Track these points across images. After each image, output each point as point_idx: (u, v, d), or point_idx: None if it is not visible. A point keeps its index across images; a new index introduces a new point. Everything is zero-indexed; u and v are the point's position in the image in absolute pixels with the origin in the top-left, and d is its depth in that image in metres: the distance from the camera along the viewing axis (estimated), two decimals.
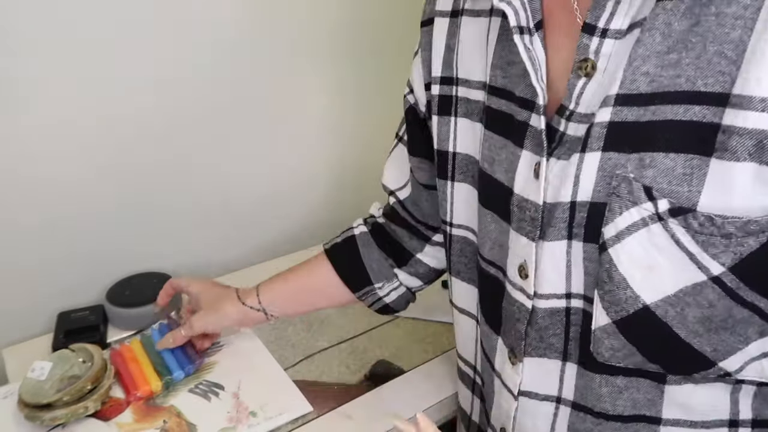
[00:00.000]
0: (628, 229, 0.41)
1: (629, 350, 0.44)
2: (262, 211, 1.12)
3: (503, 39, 0.50)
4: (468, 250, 0.60)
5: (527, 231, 0.48)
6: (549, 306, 0.49)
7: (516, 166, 0.49)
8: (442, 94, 0.57)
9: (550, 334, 0.50)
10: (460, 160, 0.57)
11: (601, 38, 0.42)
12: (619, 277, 0.42)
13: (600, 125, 0.42)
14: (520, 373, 0.53)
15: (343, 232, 0.77)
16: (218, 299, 0.78)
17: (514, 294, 0.51)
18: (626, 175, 0.40)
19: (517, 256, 0.50)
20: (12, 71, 0.81)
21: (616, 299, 0.43)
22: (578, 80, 0.43)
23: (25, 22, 0.79)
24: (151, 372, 0.79)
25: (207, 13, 0.93)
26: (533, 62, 0.45)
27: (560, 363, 0.50)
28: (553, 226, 0.46)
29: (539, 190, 0.46)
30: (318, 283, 0.76)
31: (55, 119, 0.86)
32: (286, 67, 1.04)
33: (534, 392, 0.53)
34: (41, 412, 0.70)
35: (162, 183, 0.98)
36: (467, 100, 0.55)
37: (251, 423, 0.73)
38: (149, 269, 1.00)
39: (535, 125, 0.47)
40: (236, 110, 1.02)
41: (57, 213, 0.90)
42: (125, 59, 0.88)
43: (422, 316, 0.95)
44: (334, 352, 0.88)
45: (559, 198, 0.45)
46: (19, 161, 0.85)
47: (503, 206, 0.51)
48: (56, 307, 0.93)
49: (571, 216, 0.44)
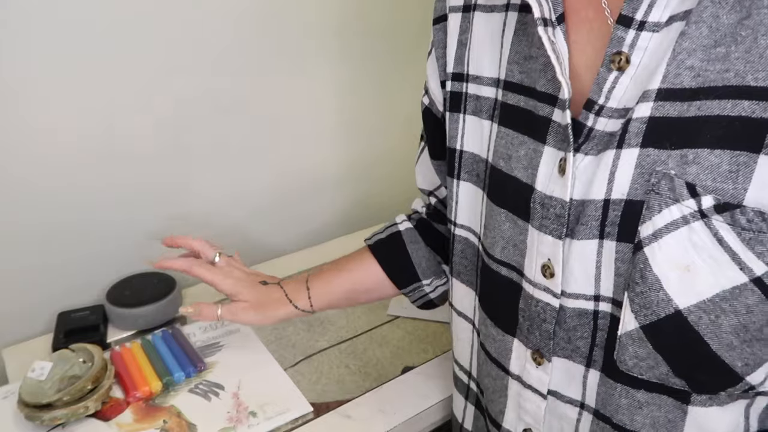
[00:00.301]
0: (667, 227, 0.39)
1: (654, 360, 0.42)
2: (263, 211, 1.12)
3: (521, 33, 0.49)
4: (468, 252, 0.60)
5: (552, 229, 0.46)
6: (577, 306, 0.47)
7: (537, 162, 0.47)
8: (453, 90, 0.57)
9: (577, 336, 0.48)
10: (466, 158, 0.57)
11: (637, 31, 0.40)
12: (653, 278, 0.40)
13: (639, 121, 0.40)
14: (549, 373, 0.51)
15: (386, 227, 0.75)
16: (268, 301, 0.72)
17: (536, 294, 0.50)
18: (667, 172, 0.39)
19: (541, 254, 0.48)
20: (12, 71, 0.81)
21: (648, 302, 0.41)
22: (609, 74, 0.42)
23: (24, 22, 0.79)
24: (151, 372, 0.79)
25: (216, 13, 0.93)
26: (558, 55, 0.44)
27: (584, 368, 0.49)
28: (583, 224, 0.44)
29: (565, 186, 0.45)
30: (366, 281, 0.74)
31: (55, 119, 0.86)
32: (291, 67, 1.04)
33: (560, 393, 0.51)
34: (41, 412, 0.70)
35: (162, 182, 0.98)
36: (476, 97, 0.54)
37: (251, 423, 0.73)
38: (149, 269, 1.00)
39: (559, 120, 0.45)
40: (236, 111, 1.02)
41: (57, 213, 0.90)
42: (126, 58, 0.88)
43: (422, 316, 0.95)
44: (334, 352, 0.88)
45: (591, 195, 0.44)
46: (19, 161, 0.85)
47: (521, 204, 0.49)
48: (56, 307, 0.93)
49: (604, 214, 0.43)
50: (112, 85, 0.88)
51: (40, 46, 0.82)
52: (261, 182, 1.10)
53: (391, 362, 0.86)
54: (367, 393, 0.80)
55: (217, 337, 0.89)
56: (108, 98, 0.89)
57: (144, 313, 0.90)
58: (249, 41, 0.98)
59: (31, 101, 0.83)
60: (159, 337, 0.87)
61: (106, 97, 0.89)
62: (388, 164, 1.25)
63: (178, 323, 0.92)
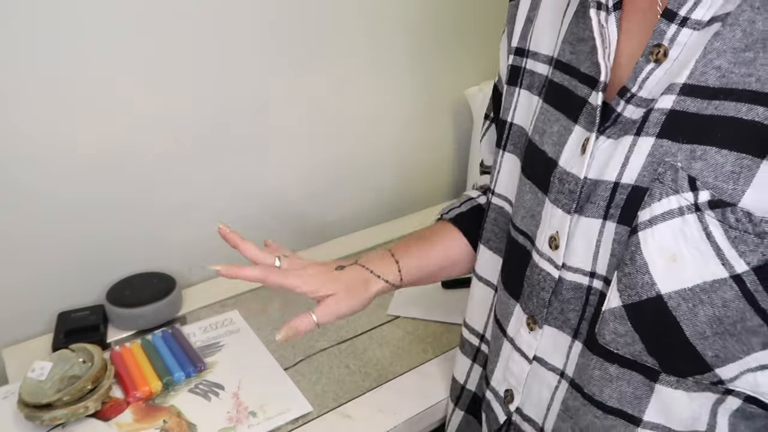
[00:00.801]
0: (663, 215, 0.41)
1: (631, 338, 0.44)
2: (264, 211, 1.12)
3: (580, 15, 0.51)
4: (501, 221, 0.63)
5: (563, 203, 0.49)
6: (574, 280, 0.50)
7: (566, 139, 0.50)
8: (513, 64, 0.60)
9: (570, 308, 0.51)
10: (514, 131, 0.59)
11: (679, 26, 0.42)
12: (642, 262, 0.42)
13: (660, 111, 0.42)
14: (539, 339, 0.54)
15: (462, 201, 0.75)
16: (355, 283, 0.66)
17: (541, 263, 0.52)
18: (674, 164, 0.41)
19: (550, 227, 0.51)
20: (12, 72, 0.81)
21: (633, 283, 0.43)
22: (646, 65, 0.43)
23: (25, 22, 0.80)
24: (151, 372, 0.79)
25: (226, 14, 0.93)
26: (603, 39, 0.46)
27: (570, 339, 0.52)
28: (592, 203, 0.47)
29: (583, 165, 0.47)
30: (451, 253, 0.72)
31: (54, 119, 0.86)
32: (298, 66, 1.04)
33: (545, 360, 0.54)
34: (41, 412, 0.70)
35: (162, 182, 0.98)
36: (532, 72, 0.57)
37: (251, 423, 0.74)
38: (149, 269, 1.00)
39: (593, 102, 0.47)
40: (236, 110, 1.02)
41: (57, 213, 0.90)
42: (126, 59, 0.88)
43: (422, 316, 0.95)
44: (334, 352, 0.88)
45: (604, 176, 0.46)
46: (19, 161, 0.85)
47: (544, 177, 0.52)
48: (56, 307, 0.93)
49: (612, 196, 0.45)
50: (111, 83, 0.88)
51: (41, 46, 0.82)
52: (262, 183, 1.10)
53: (391, 362, 0.86)
54: (367, 393, 0.80)
55: (217, 337, 0.89)
56: (106, 98, 0.89)
57: (144, 313, 0.90)
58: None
59: (31, 102, 0.83)
60: (159, 337, 0.87)
61: (104, 96, 0.89)
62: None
63: (178, 323, 0.92)
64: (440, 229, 0.74)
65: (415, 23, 1.16)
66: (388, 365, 0.85)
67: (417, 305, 0.98)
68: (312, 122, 1.12)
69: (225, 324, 0.92)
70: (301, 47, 1.04)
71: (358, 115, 1.17)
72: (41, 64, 0.82)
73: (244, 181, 1.07)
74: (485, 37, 1.28)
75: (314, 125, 1.12)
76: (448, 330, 0.93)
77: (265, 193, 1.11)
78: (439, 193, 1.38)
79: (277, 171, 1.11)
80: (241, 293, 1.01)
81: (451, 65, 1.26)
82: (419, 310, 0.97)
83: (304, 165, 1.14)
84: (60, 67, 0.83)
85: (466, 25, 1.24)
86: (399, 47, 1.17)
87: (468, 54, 1.28)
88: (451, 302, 0.99)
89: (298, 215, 1.17)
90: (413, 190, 1.33)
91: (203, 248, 1.06)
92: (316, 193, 1.18)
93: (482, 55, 1.30)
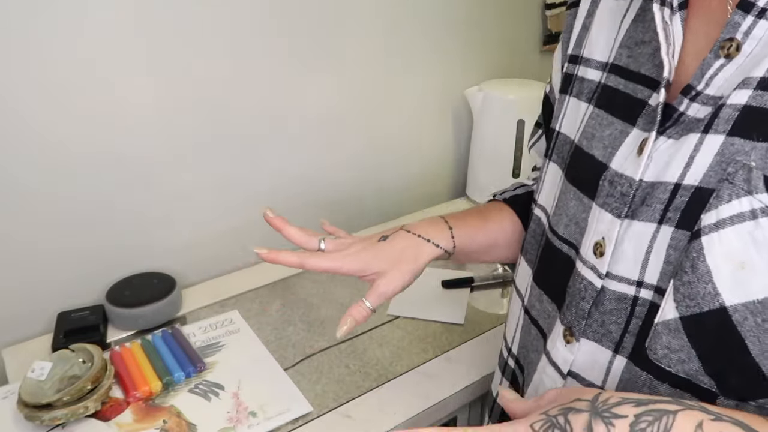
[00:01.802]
0: (732, 219, 0.38)
1: (687, 354, 0.41)
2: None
3: (639, 20, 0.49)
4: (537, 231, 0.60)
5: (613, 207, 0.46)
6: (618, 290, 0.46)
7: (620, 142, 0.47)
8: (567, 72, 0.57)
9: (612, 320, 0.47)
10: (560, 140, 0.57)
11: (756, 18, 0.39)
12: (704, 269, 0.39)
13: (732, 107, 0.39)
14: (574, 353, 0.50)
15: (516, 186, 0.73)
16: (402, 253, 0.63)
17: (583, 272, 0.49)
18: (747, 163, 0.38)
19: (597, 232, 0.48)
20: (13, 71, 0.81)
21: (692, 293, 0.39)
22: (715, 61, 0.41)
23: (25, 22, 0.79)
24: (150, 372, 0.79)
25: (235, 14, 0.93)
26: (667, 35, 0.44)
27: (610, 354, 0.48)
28: (648, 206, 0.44)
29: (639, 166, 0.44)
30: (505, 235, 0.69)
31: (53, 119, 0.86)
32: (298, 68, 1.04)
33: (581, 376, 0.51)
34: (41, 412, 0.70)
35: (163, 182, 0.98)
36: (582, 79, 0.54)
37: (251, 423, 0.73)
38: (149, 269, 1.00)
39: (654, 102, 0.45)
40: (235, 110, 1.02)
41: (57, 213, 0.90)
42: (126, 59, 0.88)
43: (422, 316, 0.95)
44: (334, 352, 0.88)
45: (663, 178, 0.43)
46: (19, 161, 0.85)
47: (591, 182, 0.49)
48: (56, 307, 0.93)
49: (671, 198, 0.42)
50: (110, 83, 0.88)
51: (41, 47, 0.82)
52: (261, 183, 1.10)
53: (391, 362, 0.86)
54: (367, 393, 0.80)
55: (217, 337, 0.89)
56: (105, 97, 0.89)
57: (144, 313, 0.90)
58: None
59: (31, 102, 0.83)
60: (159, 337, 0.87)
61: (103, 96, 0.89)
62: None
63: (178, 323, 0.92)
64: (494, 207, 0.70)
65: (415, 23, 1.16)
66: (388, 365, 0.85)
67: (417, 305, 0.98)
68: (312, 124, 1.11)
69: (225, 324, 0.92)
70: (301, 48, 1.04)
71: (357, 115, 1.17)
72: (41, 63, 0.82)
73: (244, 182, 1.07)
74: (486, 37, 1.28)
75: (314, 127, 1.12)
76: (448, 330, 0.93)
77: (265, 193, 1.11)
78: (439, 193, 1.38)
79: (277, 171, 1.11)
80: (241, 293, 1.01)
81: (451, 65, 1.26)
82: (419, 310, 0.97)
83: (303, 166, 1.14)
84: (60, 67, 0.84)
85: (467, 25, 1.24)
86: (399, 47, 1.17)
87: (468, 54, 1.28)
88: (451, 302, 0.99)
89: (298, 217, 1.17)
90: (413, 190, 1.33)
91: (203, 248, 1.06)
92: (315, 195, 1.18)
93: (482, 55, 1.30)
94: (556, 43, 1.38)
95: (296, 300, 1.00)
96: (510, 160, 1.23)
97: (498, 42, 1.31)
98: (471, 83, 1.27)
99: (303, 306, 0.98)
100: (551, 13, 1.35)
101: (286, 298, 1.00)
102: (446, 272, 1.05)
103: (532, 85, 1.25)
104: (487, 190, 0.88)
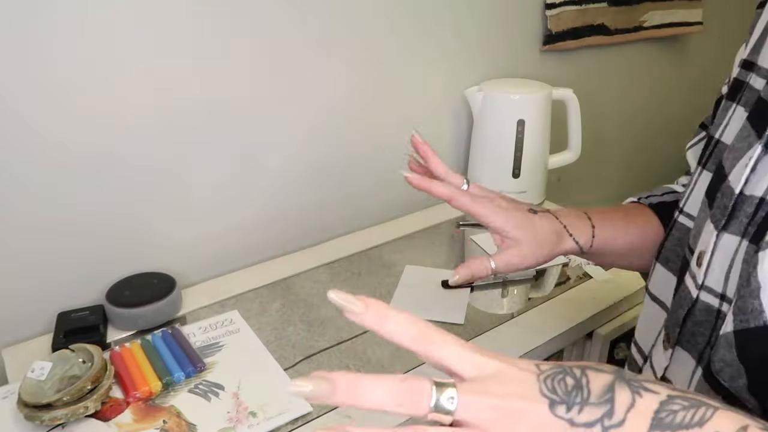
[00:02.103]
0: None
1: (737, 369, 0.40)
2: (263, 212, 1.11)
3: None
4: (683, 240, 0.57)
5: (716, 219, 0.46)
6: (707, 301, 0.46)
7: (743, 154, 0.46)
8: (737, 77, 0.54)
9: (700, 331, 0.47)
10: (719, 149, 0.54)
11: None
12: (756, 284, 0.38)
13: None
14: (668, 359, 0.50)
15: (664, 192, 0.69)
16: (546, 236, 0.60)
17: (687, 281, 0.49)
18: None
19: (702, 243, 0.47)
20: (13, 72, 0.81)
21: (744, 307, 0.39)
22: None
23: (25, 21, 0.79)
24: (150, 372, 0.79)
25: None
26: None
27: (695, 364, 0.48)
28: (736, 218, 0.43)
29: (742, 178, 0.43)
30: (647, 242, 0.65)
31: (53, 119, 0.86)
32: (296, 66, 1.04)
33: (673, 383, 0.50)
34: (41, 412, 0.70)
35: (163, 182, 0.98)
36: (750, 87, 0.51)
37: (251, 423, 0.73)
38: (149, 269, 1.00)
39: None
40: (235, 110, 1.02)
41: (56, 213, 0.90)
42: (126, 58, 0.88)
43: (422, 316, 0.95)
44: (334, 352, 0.88)
45: (755, 191, 0.42)
46: (19, 161, 0.85)
47: (713, 193, 0.49)
48: (56, 307, 0.93)
49: (755, 212, 0.42)
50: (111, 82, 0.88)
51: (41, 47, 0.82)
52: (260, 183, 1.10)
53: (391, 362, 0.86)
54: None
55: (217, 337, 0.89)
56: (105, 97, 0.89)
57: (144, 313, 0.90)
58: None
59: (31, 103, 0.83)
60: (159, 337, 0.87)
61: (102, 96, 0.89)
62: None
63: (177, 323, 0.92)
64: (638, 210, 0.66)
65: (415, 23, 1.16)
66: (388, 365, 0.85)
67: (417, 305, 0.98)
68: (311, 122, 1.11)
69: (225, 324, 0.92)
70: (301, 48, 1.04)
71: (356, 114, 1.17)
72: (41, 63, 0.82)
73: (244, 182, 1.07)
74: (486, 37, 1.28)
75: (313, 125, 1.12)
76: (448, 330, 0.92)
77: (265, 193, 1.11)
78: None
79: (277, 171, 1.10)
80: (241, 293, 1.01)
81: (451, 65, 1.26)
82: (419, 310, 0.96)
83: (302, 166, 1.14)
84: (60, 67, 0.84)
85: (467, 25, 1.24)
86: (399, 47, 1.17)
87: (468, 54, 1.27)
88: (451, 302, 0.99)
89: (297, 216, 1.17)
90: (413, 190, 1.32)
91: (203, 248, 1.06)
92: (314, 194, 1.18)
93: (482, 55, 1.30)
94: (556, 43, 1.38)
95: (296, 300, 1.00)
96: (510, 160, 1.23)
97: (498, 42, 1.31)
98: (471, 83, 1.27)
99: (303, 306, 0.98)
100: (551, 13, 1.35)
101: (286, 298, 1.00)
102: (446, 272, 1.05)
103: (532, 85, 1.24)
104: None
